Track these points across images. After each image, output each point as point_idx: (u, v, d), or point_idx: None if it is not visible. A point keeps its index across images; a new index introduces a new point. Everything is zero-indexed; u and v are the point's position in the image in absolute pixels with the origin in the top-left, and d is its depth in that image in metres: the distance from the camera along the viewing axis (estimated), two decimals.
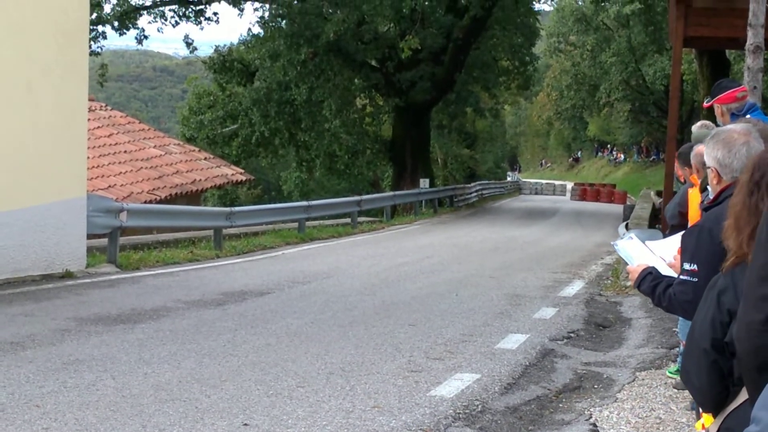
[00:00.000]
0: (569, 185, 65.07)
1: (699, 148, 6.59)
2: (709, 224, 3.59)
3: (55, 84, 12.31)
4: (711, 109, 7.64)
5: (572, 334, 9.72)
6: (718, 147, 3.64)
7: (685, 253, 3.65)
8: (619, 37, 55.70)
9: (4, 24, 11.51)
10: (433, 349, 8.42)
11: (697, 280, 3.47)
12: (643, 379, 7.68)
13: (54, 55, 12.27)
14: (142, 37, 36.80)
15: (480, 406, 6.60)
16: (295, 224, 21.41)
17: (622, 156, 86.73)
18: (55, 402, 6.14)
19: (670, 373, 7.66)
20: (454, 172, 55.33)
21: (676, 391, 7.15)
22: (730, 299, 2.67)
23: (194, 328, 9.01)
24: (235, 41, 38.70)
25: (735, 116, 7.01)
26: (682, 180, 7.56)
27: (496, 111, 51.70)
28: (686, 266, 3.60)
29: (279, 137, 36.83)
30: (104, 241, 14.14)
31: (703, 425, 2.97)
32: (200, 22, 36.56)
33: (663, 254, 4.13)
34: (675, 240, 4.19)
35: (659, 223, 11.14)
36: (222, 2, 32.93)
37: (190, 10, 36.41)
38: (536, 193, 64.07)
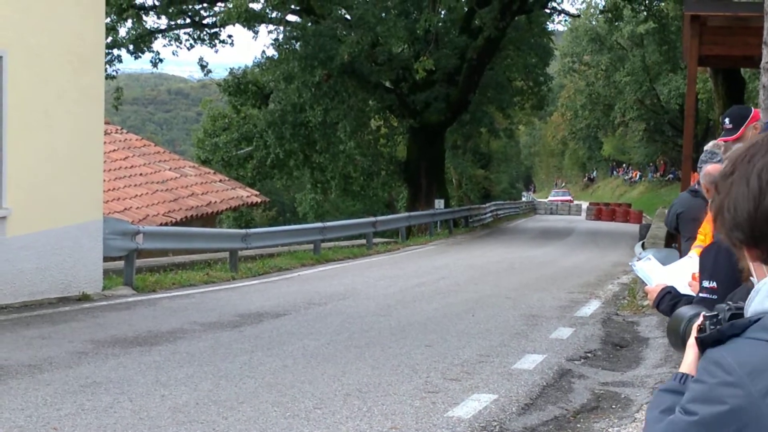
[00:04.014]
0: (584, 205, 64.89)
1: (708, 168, 6.56)
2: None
3: (71, 108, 12.37)
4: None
5: (589, 354, 9.67)
6: None
7: (704, 271, 3.64)
8: (633, 57, 55.77)
9: (21, 50, 11.59)
10: (450, 370, 8.39)
11: (716, 297, 3.46)
12: None
13: (70, 80, 12.35)
14: (157, 60, 36.99)
15: (497, 427, 6.56)
16: (311, 246, 21.42)
17: (638, 175, 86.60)
18: (72, 424, 6.14)
19: None
20: (469, 193, 55.34)
21: None
22: None
23: (211, 350, 9.01)
24: (250, 63, 38.94)
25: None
26: None
27: (510, 131, 51.69)
28: (705, 284, 3.59)
29: (294, 159, 36.91)
30: (121, 263, 14.19)
31: None
32: (215, 45, 36.81)
33: (680, 274, 4.12)
34: (691, 260, 4.17)
35: (675, 242, 11.07)
36: (236, 25, 33.09)
37: (204, 33, 36.66)
38: (551, 213, 63.82)
